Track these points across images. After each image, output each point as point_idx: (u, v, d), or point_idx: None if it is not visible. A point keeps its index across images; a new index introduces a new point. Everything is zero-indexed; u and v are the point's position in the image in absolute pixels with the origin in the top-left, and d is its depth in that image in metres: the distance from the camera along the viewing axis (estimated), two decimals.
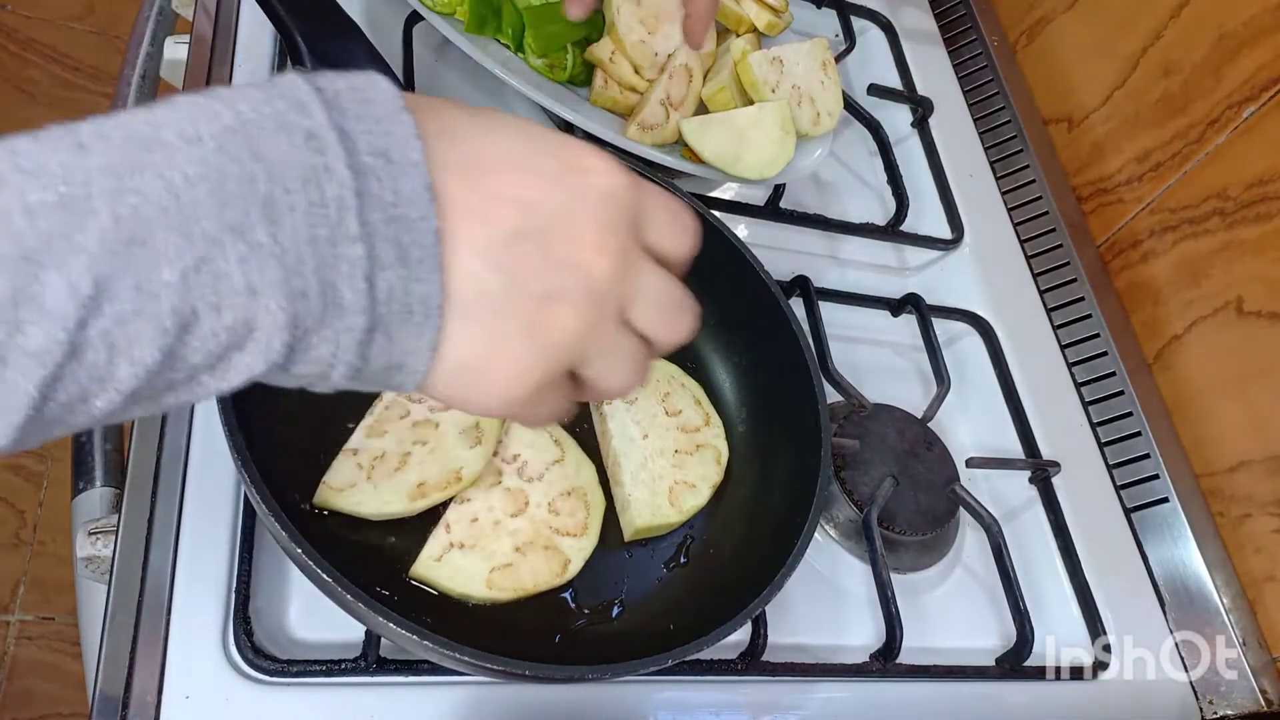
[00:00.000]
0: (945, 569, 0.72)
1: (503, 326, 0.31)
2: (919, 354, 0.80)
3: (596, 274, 0.32)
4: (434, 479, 0.55)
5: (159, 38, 0.83)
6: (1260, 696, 0.73)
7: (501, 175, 0.31)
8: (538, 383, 0.32)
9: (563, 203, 0.31)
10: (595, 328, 0.32)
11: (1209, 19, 0.82)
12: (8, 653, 1.39)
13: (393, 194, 0.28)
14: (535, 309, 0.31)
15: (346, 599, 0.45)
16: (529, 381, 0.32)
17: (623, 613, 0.57)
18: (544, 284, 0.31)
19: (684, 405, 0.65)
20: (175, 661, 0.50)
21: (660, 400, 0.64)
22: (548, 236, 0.31)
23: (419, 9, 0.72)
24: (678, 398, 0.65)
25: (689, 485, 0.61)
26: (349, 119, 0.28)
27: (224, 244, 0.26)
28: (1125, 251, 0.90)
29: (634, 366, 0.36)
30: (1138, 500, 0.80)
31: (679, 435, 0.63)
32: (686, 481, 0.61)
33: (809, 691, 0.62)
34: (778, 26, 0.84)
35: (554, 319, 0.31)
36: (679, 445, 0.63)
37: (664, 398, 0.64)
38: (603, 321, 0.33)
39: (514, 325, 0.31)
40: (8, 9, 1.88)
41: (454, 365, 0.31)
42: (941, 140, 0.95)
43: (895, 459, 0.71)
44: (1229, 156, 0.80)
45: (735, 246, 0.67)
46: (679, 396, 0.65)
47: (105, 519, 0.57)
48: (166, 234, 0.25)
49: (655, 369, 0.66)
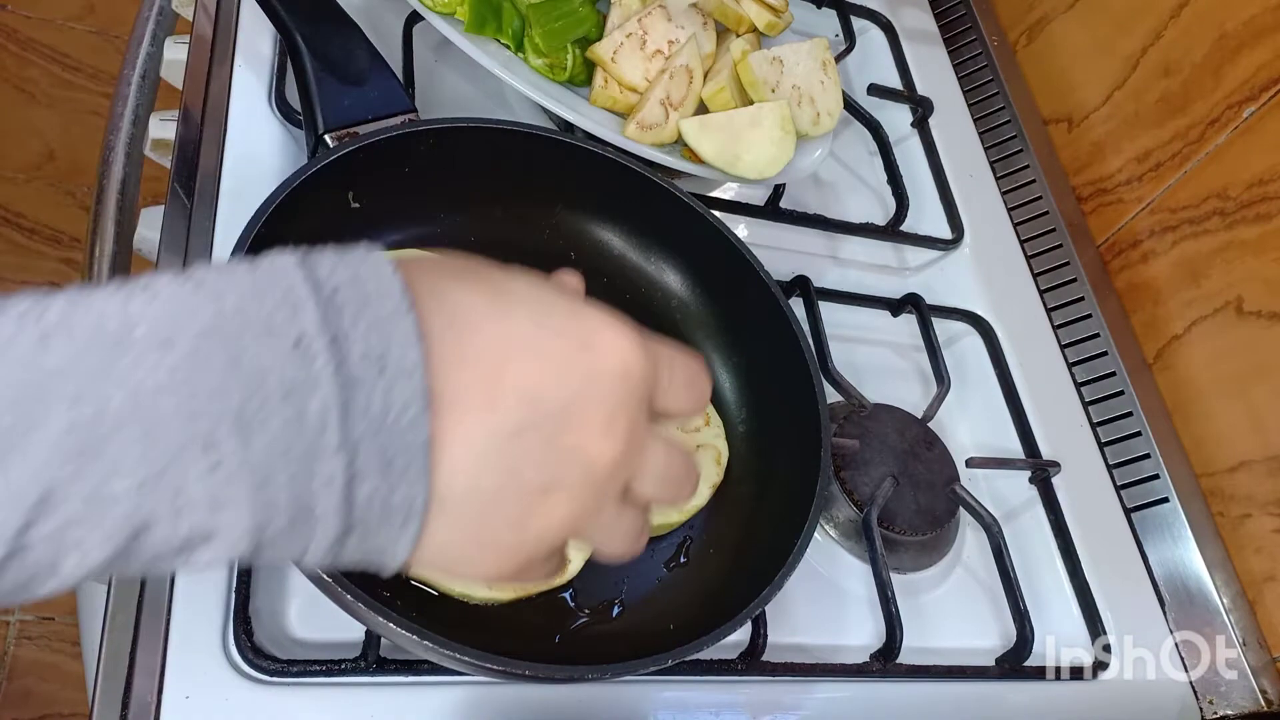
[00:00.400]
0: (945, 569, 0.72)
1: (492, 520, 0.29)
2: (919, 354, 0.80)
3: (600, 461, 0.30)
4: None
5: (159, 38, 0.83)
6: (1260, 696, 0.73)
7: (509, 367, 0.29)
8: (526, 562, 0.31)
9: (573, 389, 0.30)
10: (591, 513, 0.31)
11: (1209, 19, 0.82)
12: (8, 653, 1.39)
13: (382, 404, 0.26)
14: (529, 501, 0.30)
15: (346, 599, 0.45)
16: (516, 563, 0.31)
17: (623, 613, 0.57)
18: (542, 475, 0.29)
19: None
20: (175, 661, 0.50)
21: None
22: (553, 426, 0.29)
23: (419, 9, 0.71)
24: None
25: None
26: (345, 320, 0.26)
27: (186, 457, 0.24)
28: (1125, 251, 0.90)
29: (633, 538, 0.34)
30: (1138, 500, 0.80)
31: (680, 437, 0.63)
32: None
33: (809, 691, 0.62)
34: (778, 26, 0.84)
35: (549, 510, 0.30)
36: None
37: None
38: (601, 505, 0.31)
39: (504, 518, 0.29)
40: (8, 9, 1.88)
41: (436, 554, 0.29)
42: (941, 140, 0.95)
43: (895, 459, 0.71)
44: (1229, 156, 0.80)
45: (735, 246, 0.67)
46: None
47: None
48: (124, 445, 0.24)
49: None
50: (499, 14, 0.72)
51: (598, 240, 0.70)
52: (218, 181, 0.66)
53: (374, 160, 0.61)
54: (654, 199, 0.68)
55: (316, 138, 0.62)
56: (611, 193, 0.69)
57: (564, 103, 0.72)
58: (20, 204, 1.71)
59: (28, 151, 1.77)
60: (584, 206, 0.70)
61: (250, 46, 0.74)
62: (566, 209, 0.70)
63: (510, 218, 0.67)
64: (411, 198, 0.64)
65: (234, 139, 0.69)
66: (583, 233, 0.70)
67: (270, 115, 0.71)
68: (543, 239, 0.69)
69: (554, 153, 0.67)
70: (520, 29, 0.73)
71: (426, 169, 0.64)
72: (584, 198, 0.70)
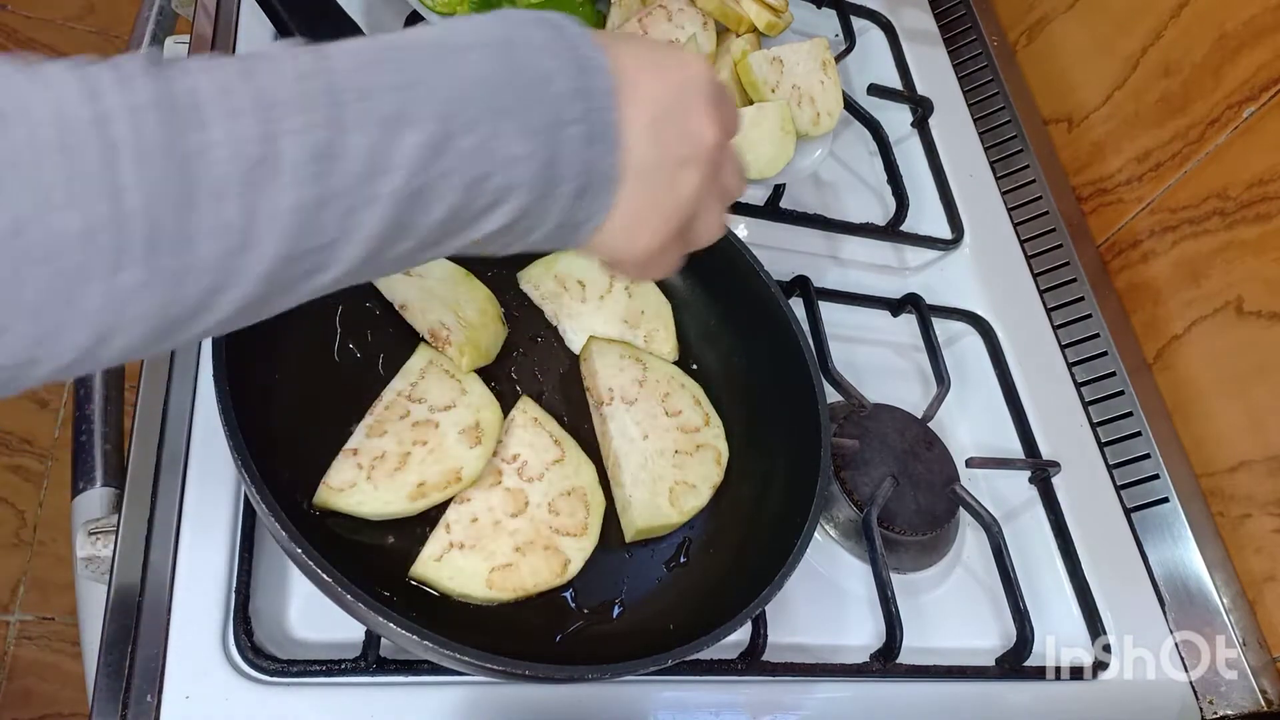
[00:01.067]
0: (945, 569, 0.72)
1: (655, 188, 0.39)
2: (919, 354, 0.80)
3: (711, 141, 0.40)
4: (434, 479, 0.55)
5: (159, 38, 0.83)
6: (1260, 696, 0.73)
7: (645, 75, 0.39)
8: (671, 233, 0.41)
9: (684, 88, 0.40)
10: (709, 185, 0.41)
11: (1209, 19, 0.82)
12: (8, 653, 1.39)
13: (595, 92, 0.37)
14: (674, 172, 0.39)
15: (346, 599, 0.45)
16: (667, 233, 0.40)
17: (623, 613, 0.57)
18: (680, 151, 0.39)
19: (684, 405, 0.65)
20: (175, 661, 0.50)
21: (660, 400, 0.64)
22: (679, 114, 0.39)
23: (419, 9, 0.72)
24: (677, 398, 0.65)
25: (689, 486, 0.61)
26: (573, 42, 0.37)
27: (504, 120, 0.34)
28: (1125, 251, 0.90)
29: (722, 219, 0.45)
30: (1138, 500, 0.80)
31: (679, 435, 0.63)
32: (687, 482, 0.61)
33: (809, 691, 0.62)
34: (778, 26, 0.84)
35: (686, 179, 0.40)
36: (679, 445, 0.63)
37: (664, 398, 0.64)
38: (714, 179, 0.41)
39: (662, 187, 0.39)
40: (8, 9, 1.88)
41: (618, 222, 0.39)
42: (941, 140, 0.95)
43: (895, 459, 0.71)
44: (1229, 156, 0.80)
45: (735, 246, 0.67)
46: (679, 397, 0.65)
47: (105, 519, 0.57)
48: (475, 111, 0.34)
49: (655, 369, 0.66)
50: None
51: None
52: None
53: None
54: None
55: None
56: None
57: None
58: None
59: None
60: None
61: (250, 46, 0.74)
62: None
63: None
64: None
65: None
66: None
67: None
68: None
69: None
70: None
71: None
72: None
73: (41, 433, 1.51)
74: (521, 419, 0.60)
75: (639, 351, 0.67)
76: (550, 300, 0.68)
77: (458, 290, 0.63)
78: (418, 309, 0.61)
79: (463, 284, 0.64)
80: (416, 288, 0.62)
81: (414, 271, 0.62)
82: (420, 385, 0.58)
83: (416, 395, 0.58)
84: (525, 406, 0.61)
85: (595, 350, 0.66)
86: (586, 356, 0.66)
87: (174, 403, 0.58)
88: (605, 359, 0.65)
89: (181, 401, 0.58)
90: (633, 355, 0.66)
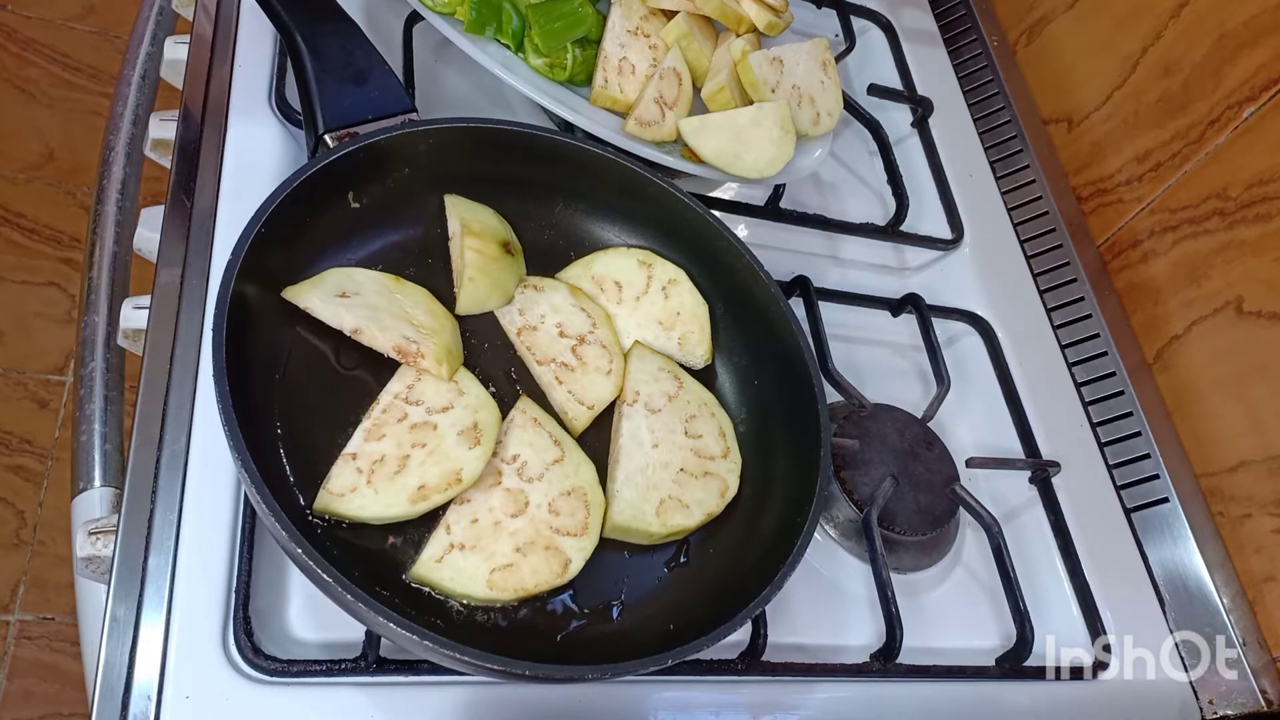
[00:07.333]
0: (945, 569, 0.72)
1: None
2: (919, 354, 0.80)
3: None
4: (434, 481, 0.55)
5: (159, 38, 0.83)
6: (1260, 696, 0.73)
7: None
8: None
9: None
10: None
11: (1209, 19, 0.82)
12: (8, 653, 1.39)
13: None
14: None
15: (346, 599, 0.45)
16: None
17: (623, 613, 0.57)
18: None
19: (707, 432, 0.64)
20: (175, 661, 0.50)
21: (684, 420, 0.64)
22: None
23: (419, 9, 0.72)
24: (703, 423, 0.64)
25: (682, 504, 0.61)
26: None
27: None
28: (1125, 251, 0.90)
29: None
30: (1138, 500, 0.80)
31: (690, 457, 0.63)
32: (681, 500, 0.61)
33: (809, 691, 0.62)
34: (778, 26, 0.84)
35: None
36: (686, 465, 0.62)
37: (689, 419, 0.64)
38: None
39: None
40: (8, 9, 1.88)
41: None
42: (941, 140, 0.95)
43: (895, 459, 0.71)
44: (1229, 156, 0.80)
45: (735, 246, 0.67)
46: (704, 423, 0.64)
47: (105, 519, 0.57)
48: None
49: (691, 391, 0.65)
50: (499, 14, 0.72)
51: (598, 239, 0.70)
52: (218, 181, 0.66)
53: (374, 160, 0.61)
54: (654, 199, 0.68)
55: (316, 138, 0.62)
56: (612, 192, 0.69)
57: (564, 102, 0.72)
58: (20, 204, 1.72)
59: (28, 151, 1.77)
60: (584, 206, 0.70)
61: (250, 46, 0.74)
62: (567, 208, 0.70)
63: (511, 217, 0.68)
64: (411, 198, 0.64)
65: (234, 139, 0.69)
66: (583, 232, 0.70)
67: (270, 115, 0.71)
68: (543, 238, 0.69)
69: (554, 153, 0.67)
70: (520, 29, 0.73)
71: (426, 169, 0.64)
72: (584, 197, 0.70)
73: (41, 433, 1.51)
74: (521, 419, 0.60)
75: (681, 372, 0.67)
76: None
77: (396, 298, 0.61)
78: (373, 331, 0.58)
79: (397, 290, 0.61)
80: (359, 308, 0.59)
81: (347, 292, 0.59)
82: (417, 387, 0.58)
83: (413, 398, 0.58)
84: (524, 406, 0.61)
85: (636, 354, 0.66)
86: (628, 356, 0.66)
87: (174, 403, 0.58)
88: (644, 364, 0.65)
89: (181, 401, 0.58)
90: (672, 372, 0.66)
